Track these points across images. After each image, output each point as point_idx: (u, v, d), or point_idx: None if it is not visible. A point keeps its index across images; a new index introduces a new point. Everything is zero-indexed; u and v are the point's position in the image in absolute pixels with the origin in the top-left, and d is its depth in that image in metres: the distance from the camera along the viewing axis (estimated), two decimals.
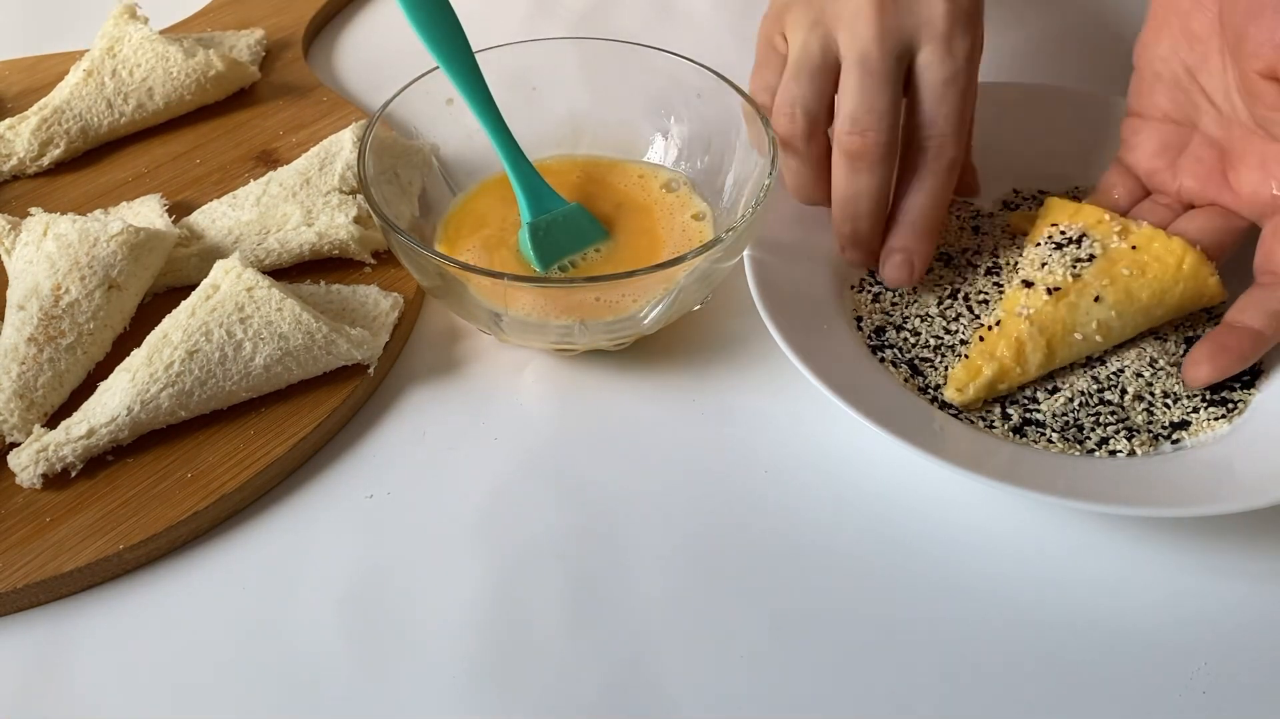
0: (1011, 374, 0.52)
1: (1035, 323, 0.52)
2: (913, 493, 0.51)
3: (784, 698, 0.44)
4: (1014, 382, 0.52)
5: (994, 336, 0.52)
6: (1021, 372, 0.52)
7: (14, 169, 0.65)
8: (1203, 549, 0.49)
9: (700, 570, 0.48)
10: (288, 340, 0.52)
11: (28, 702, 0.44)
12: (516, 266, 0.56)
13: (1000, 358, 0.52)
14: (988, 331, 0.53)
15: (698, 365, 0.56)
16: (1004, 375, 0.52)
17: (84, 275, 0.53)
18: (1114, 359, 0.54)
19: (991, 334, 0.53)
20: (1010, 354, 0.52)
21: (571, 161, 0.61)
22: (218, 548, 0.49)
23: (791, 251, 0.57)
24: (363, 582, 0.48)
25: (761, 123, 0.55)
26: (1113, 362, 0.54)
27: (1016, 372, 0.52)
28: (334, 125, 0.68)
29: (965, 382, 0.52)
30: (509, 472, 0.52)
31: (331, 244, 0.58)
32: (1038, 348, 0.52)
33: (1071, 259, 0.53)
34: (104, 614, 0.47)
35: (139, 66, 0.67)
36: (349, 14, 0.82)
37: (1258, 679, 0.45)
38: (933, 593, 0.47)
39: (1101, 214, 0.55)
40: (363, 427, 0.54)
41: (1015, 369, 0.52)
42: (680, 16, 0.81)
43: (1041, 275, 0.53)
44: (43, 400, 0.51)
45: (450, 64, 0.56)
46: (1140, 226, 0.54)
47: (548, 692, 0.44)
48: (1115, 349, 0.54)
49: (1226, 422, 0.51)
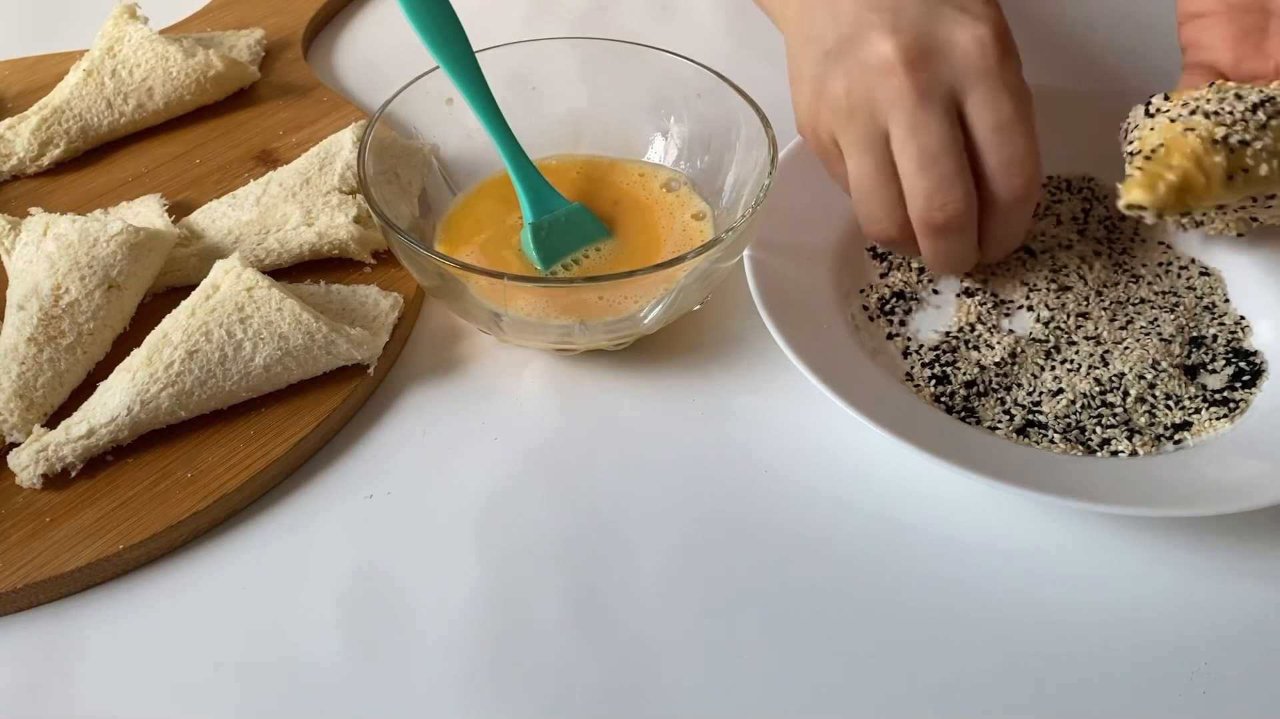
0: (1197, 184, 0.46)
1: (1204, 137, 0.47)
2: (913, 493, 0.51)
3: (784, 697, 0.44)
4: (1201, 194, 0.46)
5: (1163, 151, 0.47)
6: (1207, 183, 0.46)
7: (14, 169, 0.65)
8: (1203, 549, 0.49)
9: (700, 569, 0.48)
10: (288, 340, 0.52)
11: (28, 702, 0.44)
12: (517, 266, 0.56)
13: (1180, 165, 0.47)
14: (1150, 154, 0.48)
15: (698, 365, 0.56)
16: (1189, 184, 0.46)
17: (84, 275, 0.53)
18: (1116, 362, 0.54)
19: (1156, 154, 0.48)
20: (1190, 161, 0.46)
21: (571, 161, 0.61)
22: (218, 548, 0.49)
23: (791, 251, 0.57)
24: (363, 582, 0.48)
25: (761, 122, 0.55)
26: (1115, 364, 0.54)
27: (1201, 182, 0.46)
28: (334, 125, 0.68)
29: (1152, 182, 0.46)
30: (509, 472, 0.52)
31: (331, 244, 0.58)
32: (1217, 155, 0.46)
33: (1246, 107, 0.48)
34: (104, 614, 0.47)
35: (139, 66, 0.67)
36: (349, 14, 0.82)
37: (1258, 679, 0.45)
38: (932, 592, 0.47)
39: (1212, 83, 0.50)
40: (363, 427, 0.54)
41: (1200, 179, 0.46)
42: (680, 16, 0.81)
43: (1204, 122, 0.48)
44: (43, 400, 0.51)
45: (450, 64, 0.56)
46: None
47: (547, 691, 0.44)
48: (1118, 352, 0.54)
49: (1228, 421, 0.51)
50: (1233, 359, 0.54)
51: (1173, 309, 0.56)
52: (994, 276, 0.58)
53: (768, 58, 0.77)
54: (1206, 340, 0.55)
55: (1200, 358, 0.54)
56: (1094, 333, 0.55)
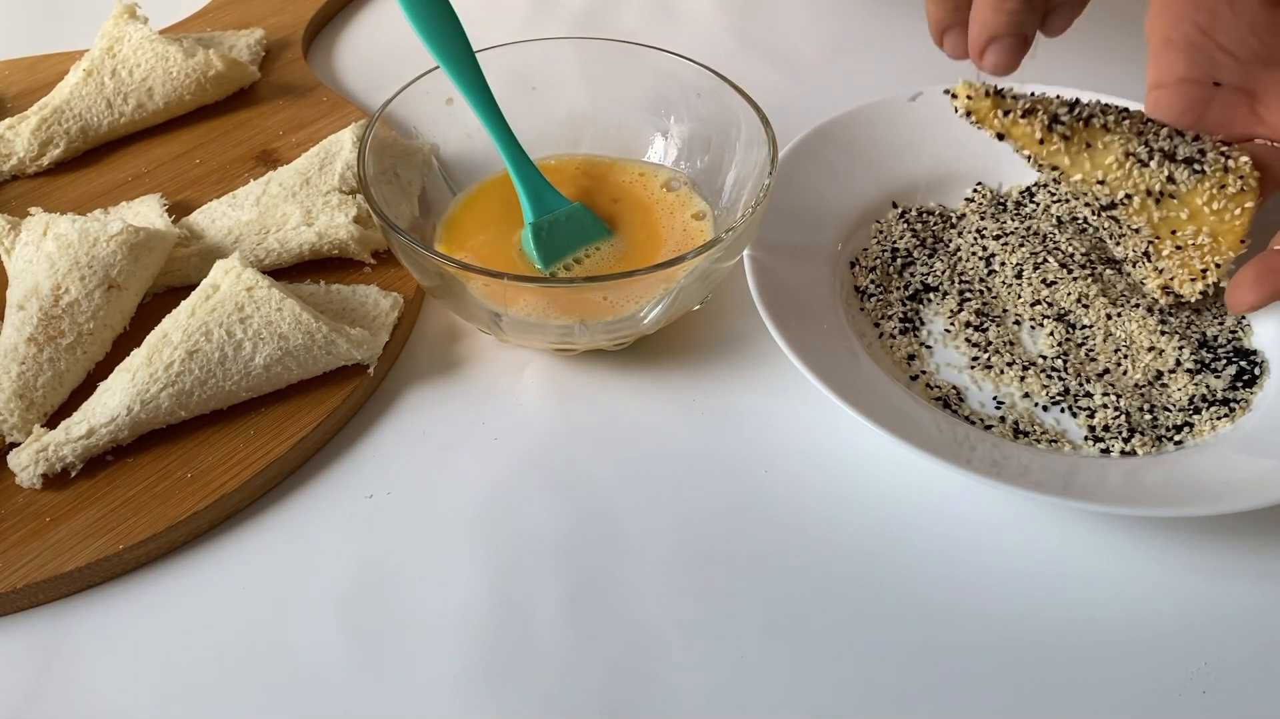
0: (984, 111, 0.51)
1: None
2: (913, 492, 0.51)
3: (784, 697, 0.44)
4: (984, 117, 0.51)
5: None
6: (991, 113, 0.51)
7: (14, 169, 0.65)
8: (1203, 549, 0.49)
9: (700, 569, 0.48)
10: (288, 340, 0.52)
11: (28, 702, 0.44)
12: (517, 266, 0.56)
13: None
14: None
15: (698, 365, 0.56)
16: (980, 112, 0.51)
17: (84, 275, 0.53)
18: (1117, 362, 0.54)
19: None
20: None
21: (571, 161, 0.61)
22: (218, 548, 0.49)
23: (791, 251, 0.57)
24: (363, 581, 0.48)
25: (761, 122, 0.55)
26: (1116, 364, 0.54)
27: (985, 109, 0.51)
28: (334, 125, 0.68)
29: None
30: (509, 471, 0.52)
31: (331, 244, 0.58)
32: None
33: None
34: (104, 614, 0.47)
35: (139, 66, 0.67)
36: (349, 14, 0.82)
37: (1258, 679, 0.45)
38: (932, 592, 0.47)
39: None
40: (363, 427, 0.54)
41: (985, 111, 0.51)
42: (680, 16, 0.81)
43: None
44: (43, 400, 0.51)
45: (450, 64, 0.56)
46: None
47: (547, 691, 0.44)
48: (1121, 354, 0.54)
49: (1229, 421, 0.51)
50: (1234, 359, 0.54)
51: (1173, 309, 0.56)
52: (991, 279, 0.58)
53: (768, 58, 0.78)
54: (1208, 340, 0.55)
55: (1202, 358, 0.54)
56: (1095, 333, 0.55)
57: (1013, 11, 0.46)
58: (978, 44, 0.48)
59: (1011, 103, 0.51)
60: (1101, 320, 0.56)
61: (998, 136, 0.52)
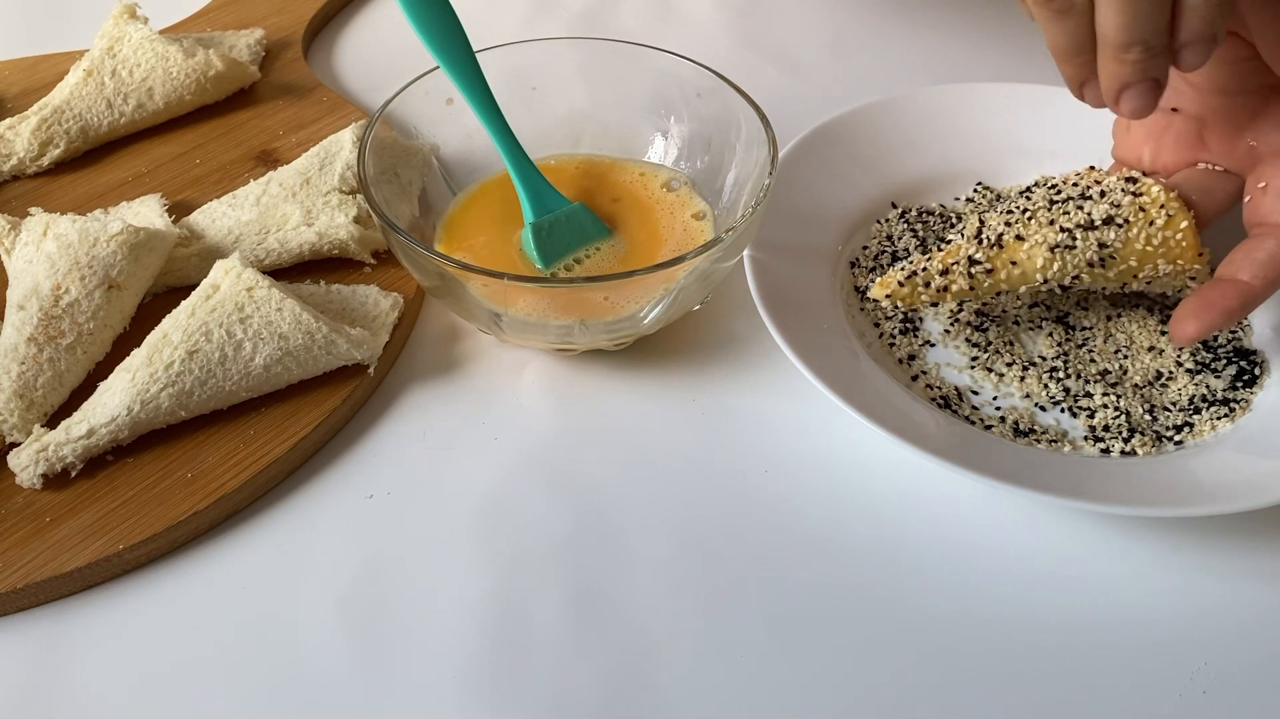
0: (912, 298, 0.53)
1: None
2: (913, 492, 0.51)
3: (784, 697, 0.44)
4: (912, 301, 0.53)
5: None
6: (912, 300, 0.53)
7: (14, 169, 0.65)
8: (1203, 549, 0.49)
9: (700, 569, 0.48)
10: (288, 340, 0.52)
11: (28, 702, 0.44)
12: (518, 266, 0.56)
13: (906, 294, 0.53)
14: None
15: (698, 365, 0.56)
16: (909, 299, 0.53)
17: (84, 275, 0.53)
18: (1118, 362, 0.54)
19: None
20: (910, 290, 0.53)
21: (571, 161, 0.61)
22: (218, 548, 0.49)
23: (791, 251, 0.57)
24: (363, 581, 0.48)
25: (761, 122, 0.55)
26: (1117, 364, 0.54)
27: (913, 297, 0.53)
28: (334, 125, 0.68)
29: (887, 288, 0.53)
30: (509, 471, 0.52)
31: (331, 244, 0.58)
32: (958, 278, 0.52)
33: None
34: (104, 614, 0.47)
35: (139, 66, 0.67)
36: (349, 14, 0.82)
37: (1258, 679, 0.45)
38: (933, 592, 0.47)
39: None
40: (363, 426, 0.54)
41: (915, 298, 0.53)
42: (680, 16, 0.81)
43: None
44: (43, 400, 0.51)
45: (450, 64, 0.56)
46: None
47: (547, 691, 0.44)
48: (1121, 355, 0.54)
49: (1229, 421, 0.51)
50: (1233, 359, 0.54)
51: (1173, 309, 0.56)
52: None
53: (768, 58, 0.78)
54: (1208, 340, 0.55)
55: (1202, 358, 0.54)
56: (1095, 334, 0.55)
57: (1135, 61, 0.47)
58: (1111, 95, 0.48)
59: (926, 275, 0.52)
60: (1101, 321, 0.56)
61: (933, 305, 0.55)
